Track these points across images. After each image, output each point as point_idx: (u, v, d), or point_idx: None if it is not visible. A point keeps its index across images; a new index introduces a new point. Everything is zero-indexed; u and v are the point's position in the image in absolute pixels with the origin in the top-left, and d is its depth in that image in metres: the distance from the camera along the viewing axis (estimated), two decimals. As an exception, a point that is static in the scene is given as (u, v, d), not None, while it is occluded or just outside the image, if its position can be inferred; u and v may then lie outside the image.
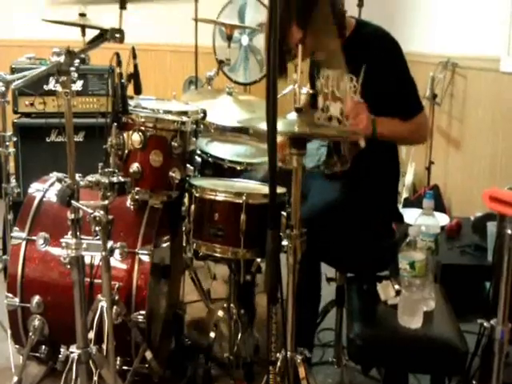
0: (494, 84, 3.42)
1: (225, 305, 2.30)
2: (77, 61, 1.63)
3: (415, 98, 2.15)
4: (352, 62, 2.10)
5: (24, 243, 2.05)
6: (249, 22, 4.79)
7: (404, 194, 4.23)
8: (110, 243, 1.67)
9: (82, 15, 2.68)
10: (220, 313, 2.29)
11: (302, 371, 1.69)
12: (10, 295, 2.04)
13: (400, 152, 4.91)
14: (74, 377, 1.73)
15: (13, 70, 3.51)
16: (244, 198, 1.99)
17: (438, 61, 4.01)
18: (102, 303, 1.83)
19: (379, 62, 2.06)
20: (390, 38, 2.13)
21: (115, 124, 1.99)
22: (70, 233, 1.66)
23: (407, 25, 4.93)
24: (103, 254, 1.66)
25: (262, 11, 4.72)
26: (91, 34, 1.81)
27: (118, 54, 1.89)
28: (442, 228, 3.13)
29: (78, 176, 1.67)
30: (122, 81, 1.94)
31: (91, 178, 1.68)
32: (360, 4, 4.22)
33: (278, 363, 1.67)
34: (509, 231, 1.49)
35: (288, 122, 1.58)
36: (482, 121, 3.61)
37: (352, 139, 1.96)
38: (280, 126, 1.34)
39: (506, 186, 1.84)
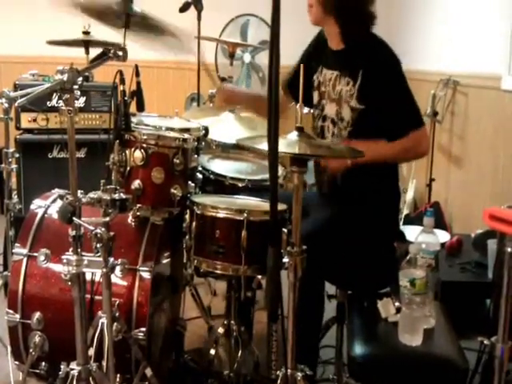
0: (495, 102, 3.44)
1: (225, 321, 2.29)
2: (80, 79, 1.65)
3: (412, 113, 2.12)
4: (350, 67, 2.14)
5: (25, 259, 2.05)
6: (251, 40, 4.84)
7: (405, 211, 4.24)
8: (110, 260, 1.68)
9: (86, 33, 2.71)
10: (220, 329, 2.29)
11: (302, 389, 1.68)
12: (11, 311, 2.03)
13: (401, 169, 4.94)
14: (73, 394, 1.73)
15: (16, 87, 3.54)
16: (245, 215, 1.99)
17: (439, 78, 4.04)
18: (103, 320, 1.83)
19: (376, 69, 2.08)
20: (390, 49, 2.13)
21: (117, 141, 2.00)
22: (71, 249, 1.67)
23: (408, 43, 4.96)
24: (104, 270, 1.66)
25: (263, 29, 4.78)
26: (95, 51, 1.83)
27: (121, 72, 1.90)
28: (443, 245, 3.13)
29: (79, 193, 1.68)
30: (125, 98, 1.96)
31: (93, 194, 1.68)
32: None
33: (279, 381, 1.67)
34: (509, 250, 1.49)
35: (289, 141, 1.59)
36: (483, 138, 3.63)
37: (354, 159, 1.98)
38: (281, 145, 1.34)
39: (506, 204, 1.84)
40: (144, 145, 2.05)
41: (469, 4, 3.88)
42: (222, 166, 2.56)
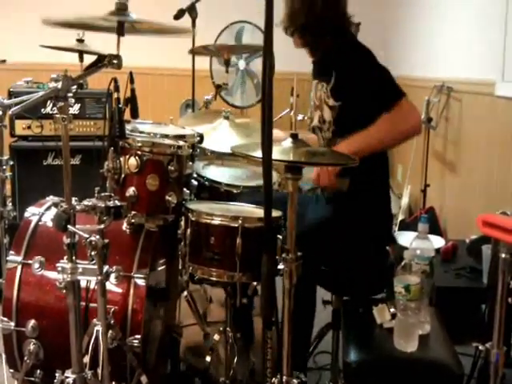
0: (489, 108, 3.46)
1: (221, 328, 2.29)
2: (74, 86, 1.65)
3: (388, 89, 2.11)
4: (324, 72, 2.20)
5: (20, 267, 2.04)
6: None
7: (400, 217, 4.25)
8: (105, 267, 1.67)
9: (80, 41, 2.71)
10: (216, 336, 2.29)
11: (298, 395, 1.68)
12: (5, 319, 2.02)
13: (396, 174, 4.96)
14: (68, 402, 1.72)
15: (10, 94, 3.54)
16: (240, 221, 1.99)
17: (433, 85, 4.06)
18: (98, 327, 1.82)
19: (346, 66, 2.15)
20: (358, 47, 2.18)
21: (112, 148, 2.00)
22: (65, 257, 1.67)
23: (403, 50, 4.99)
24: (99, 278, 1.66)
25: (258, 36, 4.78)
26: (89, 58, 1.83)
27: (115, 80, 1.91)
28: (438, 251, 3.14)
29: (74, 200, 1.68)
30: (120, 106, 1.96)
31: (87, 202, 1.68)
32: (356, 30, 4.29)
33: (274, 387, 1.66)
34: (503, 255, 1.50)
35: (283, 149, 1.59)
36: (477, 144, 3.64)
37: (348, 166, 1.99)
38: (275, 153, 1.35)
39: (500, 210, 1.85)
40: (139, 152, 2.05)
41: (462, 11, 3.90)
42: (216, 173, 2.56)
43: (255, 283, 2.14)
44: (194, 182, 2.34)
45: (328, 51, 2.23)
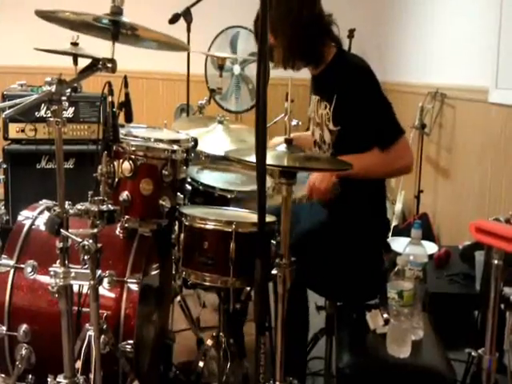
0: (483, 114, 3.47)
1: (214, 333, 2.28)
2: (68, 90, 1.65)
3: (389, 126, 2.12)
4: (326, 91, 2.18)
5: (12, 271, 2.03)
6: (241, 52, 4.85)
7: (393, 223, 4.25)
8: (98, 272, 1.67)
9: (75, 44, 2.70)
10: (209, 342, 2.28)
11: (290, 401, 1.68)
12: (-3, 323, 2.02)
13: (389, 180, 4.97)
14: (60, 407, 1.71)
15: (4, 97, 3.53)
16: (234, 226, 1.99)
17: (427, 91, 4.07)
18: (90, 332, 1.82)
19: (348, 92, 2.11)
20: (363, 71, 2.14)
21: (106, 152, 2.00)
22: (58, 261, 1.66)
23: (397, 56, 5.01)
24: (91, 283, 1.65)
25: (253, 41, 4.79)
26: (83, 62, 1.83)
27: (109, 84, 1.90)
28: (431, 257, 3.14)
29: (67, 204, 1.67)
30: (114, 109, 1.95)
31: (81, 206, 1.68)
32: (350, 36, 4.31)
33: (267, 393, 1.66)
34: (495, 262, 1.50)
35: (277, 154, 1.59)
36: (470, 150, 3.65)
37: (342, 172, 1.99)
38: (269, 158, 1.35)
39: (493, 216, 1.86)
40: (132, 156, 2.05)
41: (456, 18, 3.92)
42: (211, 177, 2.56)
43: (249, 288, 2.14)
44: (188, 187, 2.33)
45: (329, 67, 2.21)
